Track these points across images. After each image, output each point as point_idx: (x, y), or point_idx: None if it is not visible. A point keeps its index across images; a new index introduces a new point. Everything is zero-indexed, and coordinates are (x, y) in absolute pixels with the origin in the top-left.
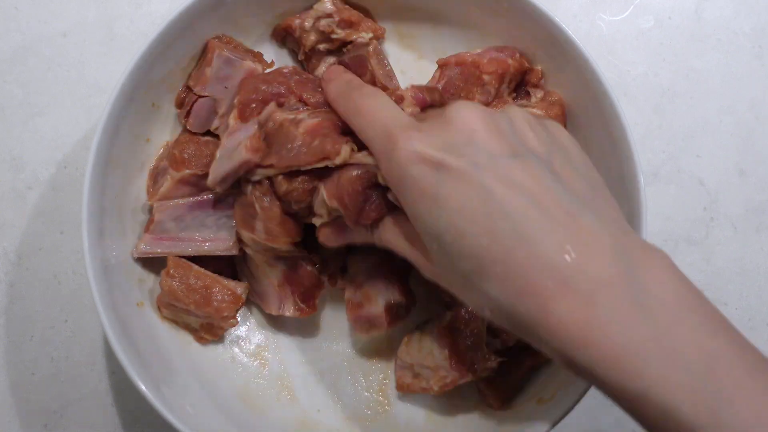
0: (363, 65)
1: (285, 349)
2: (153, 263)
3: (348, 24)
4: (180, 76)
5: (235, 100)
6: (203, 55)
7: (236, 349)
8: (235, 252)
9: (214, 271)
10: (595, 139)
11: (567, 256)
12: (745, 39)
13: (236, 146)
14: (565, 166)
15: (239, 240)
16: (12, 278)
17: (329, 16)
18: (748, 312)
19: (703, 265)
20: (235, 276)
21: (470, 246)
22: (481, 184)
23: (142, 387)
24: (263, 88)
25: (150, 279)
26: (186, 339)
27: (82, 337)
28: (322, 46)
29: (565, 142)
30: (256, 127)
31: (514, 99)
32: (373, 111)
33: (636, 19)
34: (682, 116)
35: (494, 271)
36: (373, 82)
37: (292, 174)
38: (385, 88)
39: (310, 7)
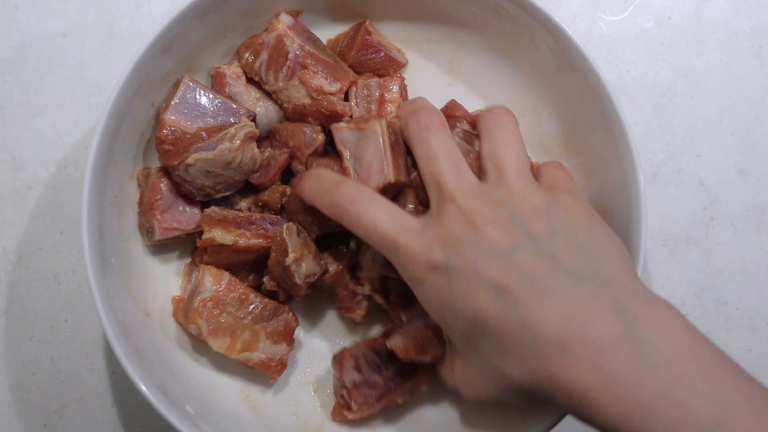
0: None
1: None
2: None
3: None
4: (180, 75)
5: None
6: None
7: None
8: None
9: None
10: (595, 139)
11: (566, 326)
12: (745, 39)
13: None
14: (566, 244)
15: None
16: (12, 278)
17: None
18: (748, 312)
19: (703, 265)
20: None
21: (490, 341)
22: (487, 283)
23: (142, 387)
24: None
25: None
26: (186, 339)
27: (82, 337)
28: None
29: (570, 219)
30: None
31: None
32: (372, 219)
33: (636, 19)
34: (682, 116)
35: (512, 358)
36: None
37: None
38: None
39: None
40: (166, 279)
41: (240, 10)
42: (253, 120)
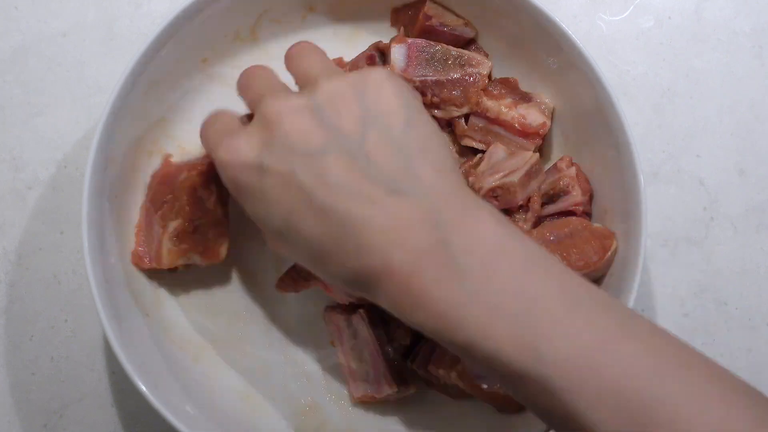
0: None
1: (287, 350)
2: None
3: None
4: (181, 75)
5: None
6: None
7: (236, 349)
8: None
9: None
10: (596, 139)
11: (388, 237)
12: (745, 39)
13: None
14: (381, 140)
15: None
16: (12, 278)
17: None
18: (748, 312)
19: (703, 265)
20: None
21: (307, 239)
22: (300, 186)
23: (142, 387)
24: None
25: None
26: (186, 339)
27: (82, 337)
28: None
29: (384, 106)
30: None
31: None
32: (207, 128)
33: (636, 19)
34: (682, 116)
35: (332, 260)
36: None
37: None
38: None
39: None
40: (166, 279)
41: (240, 10)
42: None
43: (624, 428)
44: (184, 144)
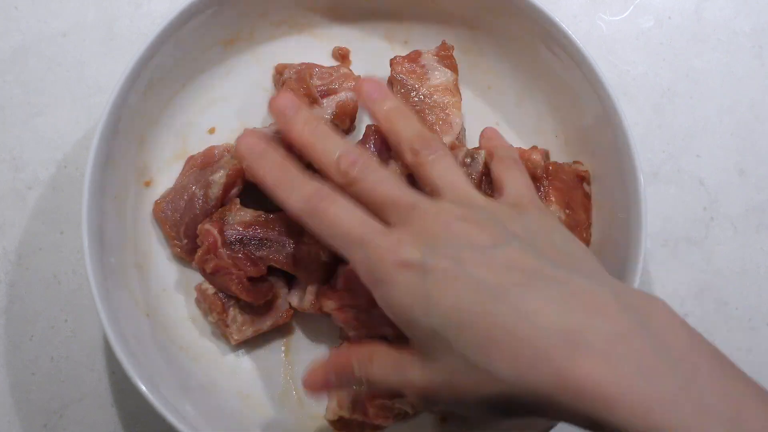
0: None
1: (287, 350)
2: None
3: None
4: (181, 75)
5: None
6: None
7: (237, 350)
8: None
9: None
10: (595, 139)
11: (571, 317)
12: (745, 39)
13: None
14: (548, 245)
15: None
16: (12, 278)
17: None
18: (748, 312)
19: (703, 265)
20: None
21: (472, 336)
22: (469, 276)
23: (142, 387)
24: None
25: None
26: (186, 339)
27: (82, 337)
28: None
29: (543, 225)
30: None
31: None
32: (337, 216)
33: (636, 19)
34: (682, 116)
35: (501, 353)
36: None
37: None
38: None
39: None
40: (166, 279)
41: (241, 10)
42: None
43: None
44: (186, 144)
